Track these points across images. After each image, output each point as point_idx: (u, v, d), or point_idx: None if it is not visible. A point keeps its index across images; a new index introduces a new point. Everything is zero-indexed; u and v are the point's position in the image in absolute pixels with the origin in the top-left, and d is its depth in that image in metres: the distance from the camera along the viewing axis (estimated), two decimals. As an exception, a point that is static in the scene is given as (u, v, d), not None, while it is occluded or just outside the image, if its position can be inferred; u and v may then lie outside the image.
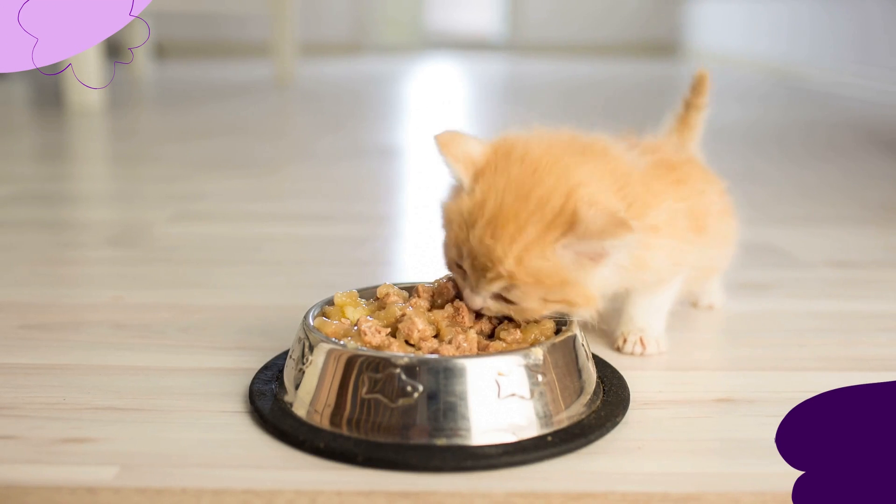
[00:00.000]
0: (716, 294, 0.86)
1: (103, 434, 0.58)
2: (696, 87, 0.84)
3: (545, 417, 0.57)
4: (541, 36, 5.98)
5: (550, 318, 0.64)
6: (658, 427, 0.60)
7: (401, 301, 0.66)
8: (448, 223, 0.63)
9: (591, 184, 0.61)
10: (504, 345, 0.61)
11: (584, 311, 0.62)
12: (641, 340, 0.73)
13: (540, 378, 0.57)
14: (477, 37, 6.29)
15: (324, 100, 3.03)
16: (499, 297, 0.61)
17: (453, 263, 0.64)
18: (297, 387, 0.60)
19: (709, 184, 0.76)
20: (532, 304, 0.61)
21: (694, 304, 0.86)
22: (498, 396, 0.55)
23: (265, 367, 0.67)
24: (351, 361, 0.57)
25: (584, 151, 0.64)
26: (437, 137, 0.63)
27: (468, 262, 0.61)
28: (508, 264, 0.59)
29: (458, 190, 0.63)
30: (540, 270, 0.59)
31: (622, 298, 0.75)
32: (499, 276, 0.59)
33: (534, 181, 0.60)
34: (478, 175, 0.62)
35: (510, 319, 0.65)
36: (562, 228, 0.58)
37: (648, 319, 0.73)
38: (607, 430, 0.58)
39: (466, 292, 0.63)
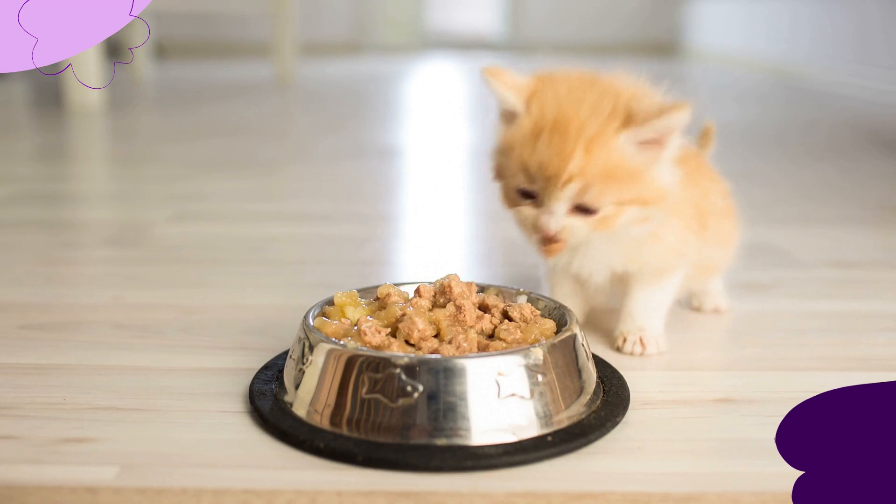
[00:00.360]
0: (720, 297, 0.85)
1: (103, 434, 0.58)
2: (702, 140, 0.84)
3: (545, 417, 0.57)
4: (541, 36, 5.98)
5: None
6: (658, 427, 0.60)
7: (401, 301, 0.66)
8: (509, 151, 0.66)
9: (633, 90, 0.66)
10: (504, 345, 0.61)
11: (657, 210, 0.66)
12: (641, 340, 0.73)
13: (540, 378, 0.57)
14: (477, 37, 6.29)
15: (324, 100, 3.03)
16: (575, 210, 0.64)
17: (519, 196, 0.66)
18: (297, 387, 0.60)
19: (712, 183, 0.77)
20: (608, 208, 0.63)
21: (698, 308, 0.85)
22: (498, 396, 0.55)
23: (265, 367, 0.67)
24: (351, 361, 0.57)
25: (614, 75, 0.69)
26: (484, 70, 0.67)
27: (539, 176, 0.63)
28: (578, 158, 0.61)
29: (510, 118, 0.67)
30: (608, 162, 0.62)
31: (621, 296, 0.75)
32: (571, 177, 0.62)
33: (583, 91, 0.65)
34: (529, 98, 0.66)
35: (510, 319, 0.65)
36: (620, 120, 0.62)
37: (648, 318, 0.74)
38: (607, 430, 0.58)
39: (542, 219, 0.64)
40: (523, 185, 0.65)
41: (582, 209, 0.64)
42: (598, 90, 0.65)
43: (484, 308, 0.67)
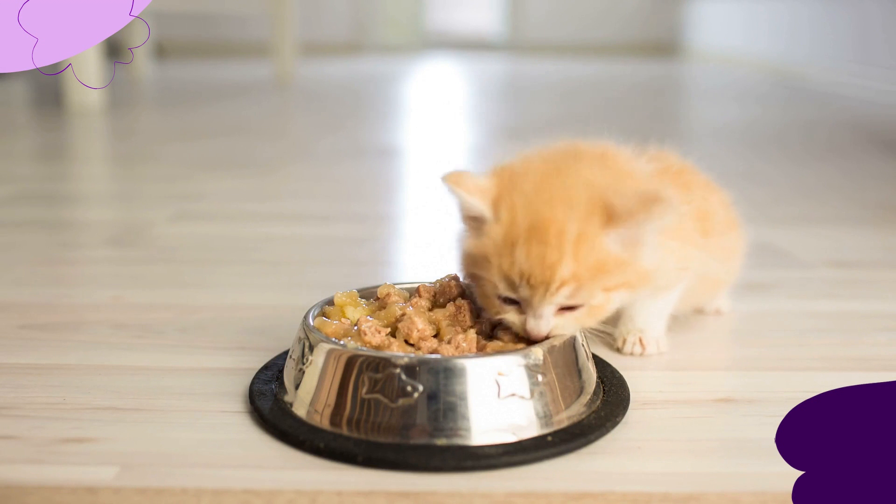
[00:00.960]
0: (722, 298, 0.85)
1: (103, 434, 0.58)
2: None
3: (545, 417, 0.57)
4: (541, 36, 5.98)
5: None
6: (658, 427, 0.60)
7: (401, 301, 0.66)
8: (483, 262, 0.61)
9: (601, 178, 0.62)
10: (504, 345, 0.61)
11: (644, 290, 0.63)
12: (641, 341, 0.73)
13: (540, 378, 0.57)
14: (477, 37, 6.29)
15: (324, 100, 3.03)
16: (562, 309, 0.60)
17: (501, 303, 0.62)
18: (297, 387, 0.60)
19: (712, 192, 0.76)
20: (596, 299, 0.60)
21: (700, 310, 0.85)
22: (498, 396, 0.55)
23: (265, 367, 0.67)
24: (351, 361, 0.57)
25: (578, 156, 0.65)
26: (445, 178, 0.62)
27: (524, 285, 0.59)
28: (568, 264, 0.58)
29: (476, 224, 0.62)
30: (597, 261, 0.59)
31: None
32: (564, 281, 0.58)
33: (551, 188, 0.60)
34: (495, 202, 0.61)
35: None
36: (601, 216, 0.59)
37: (649, 321, 0.73)
38: (607, 430, 0.58)
39: (529, 323, 0.60)
40: (505, 293, 0.61)
41: (570, 307, 0.61)
42: (566, 182, 0.61)
43: (484, 308, 0.67)
